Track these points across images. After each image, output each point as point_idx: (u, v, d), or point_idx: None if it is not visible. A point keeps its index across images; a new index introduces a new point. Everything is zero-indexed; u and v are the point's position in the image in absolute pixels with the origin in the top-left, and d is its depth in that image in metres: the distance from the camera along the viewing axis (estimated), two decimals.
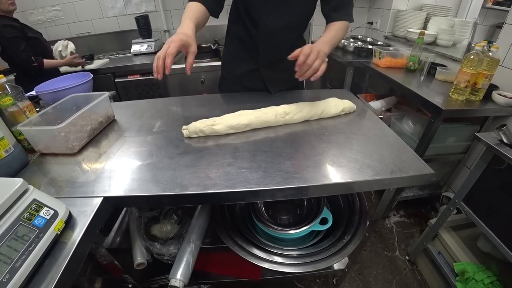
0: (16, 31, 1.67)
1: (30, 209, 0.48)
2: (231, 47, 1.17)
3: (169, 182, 0.63)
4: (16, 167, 0.70)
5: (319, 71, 0.80)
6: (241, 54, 1.13)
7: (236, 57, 1.15)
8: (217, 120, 0.83)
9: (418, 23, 2.05)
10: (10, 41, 1.63)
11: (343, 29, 0.98)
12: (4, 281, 0.39)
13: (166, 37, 2.53)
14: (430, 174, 0.65)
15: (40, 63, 1.71)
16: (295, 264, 0.84)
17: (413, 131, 1.51)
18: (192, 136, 0.82)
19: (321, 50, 0.80)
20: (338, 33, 0.95)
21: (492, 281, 1.03)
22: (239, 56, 1.14)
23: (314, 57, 0.78)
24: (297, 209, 1.03)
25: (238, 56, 1.14)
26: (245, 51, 1.11)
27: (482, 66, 1.16)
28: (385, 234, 1.67)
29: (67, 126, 0.73)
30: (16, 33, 1.66)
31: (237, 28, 1.09)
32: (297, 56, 0.78)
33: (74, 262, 0.49)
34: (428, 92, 1.36)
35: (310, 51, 0.78)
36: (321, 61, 0.80)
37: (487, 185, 1.04)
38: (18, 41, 1.65)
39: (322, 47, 0.82)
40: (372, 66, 1.78)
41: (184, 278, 0.85)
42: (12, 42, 1.63)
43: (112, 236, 1.03)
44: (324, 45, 0.87)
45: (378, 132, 0.83)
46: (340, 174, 0.65)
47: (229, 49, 1.18)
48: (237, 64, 1.15)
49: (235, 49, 1.14)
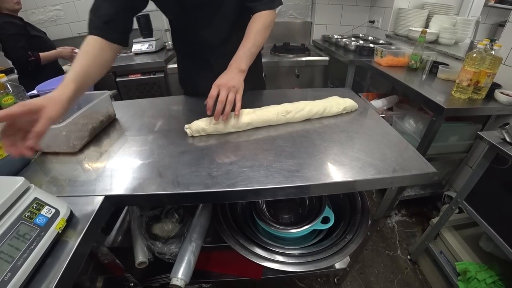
0: (18, 29, 1.68)
1: (31, 207, 0.48)
2: (185, 64, 1.14)
3: (170, 181, 0.63)
4: (17, 166, 0.70)
5: (237, 102, 0.78)
6: (196, 72, 1.10)
7: (193, 75, 1.12)
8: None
9: (420, 21, 2.04)
10: (10, 38, 1.64)
11: (264, 30, 0.89)
12: (6, 280, 0.39)
13: (167, 36, 2.52)
14: (432, 173, 0.65)
15: (37, 57, 1.72)
16: (296, 263, 0.84)
17: (415, 130, 1.51)
18: (195, 135, 0.82)
19: (229, 83, 0.77)
20: (257, 39, 0.87)
21: (494, 280, 1.02)
22: (195, 73, 1.11)
23: (225, 93, 0.76)
24: (299, 208, 1.03)
25: (194, 73, 1.11)
26: (199, 69, 1.08)
27: (485, 64, 1.15)
28: (386, 233, 1.67)
29: (69, 125, 0.73)
30: (17, 31, 1.67)
31: (185, 48, 1.07)
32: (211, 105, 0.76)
33: (76, 261, 0.49)
34: (430, 91, 1.35)
35: (218, 90, 0.76)
36: (234, 93, 0.77)
37: (489, 184, 1.03)
38: (17, 38, 1.66)
39: (232, 76, 0.80)
40: (373, 64, 1.78)
41: (186, 277, 0.85)
42: (11, 39, 1.65)
43: (114, 235, 1.03)
44: (240, 63, 0.83)
45: (380, 130, 0.83)
46: (342, 172, 0.65)
47: (184, 65, 1.15)
48: (196, 81, 1.12)
49: (190, 66, 1.12)
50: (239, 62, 0.83)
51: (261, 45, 0.90)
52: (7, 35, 1.64)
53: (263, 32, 0.89)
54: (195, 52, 1.05)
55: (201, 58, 1.05)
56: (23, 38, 1.69)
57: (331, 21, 2.61)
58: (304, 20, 2.63)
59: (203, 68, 1.07)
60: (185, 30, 0.98)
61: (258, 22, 0.89)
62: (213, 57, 1.03)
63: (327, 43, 2.46)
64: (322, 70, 2.20)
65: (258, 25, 0.89)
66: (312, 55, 2.22)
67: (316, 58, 2.16)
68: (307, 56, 2.19)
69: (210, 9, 0.90)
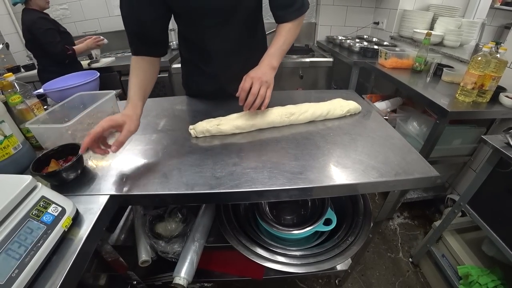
0: (51, 24, 1.79)
1: (38, 205, 0.48)
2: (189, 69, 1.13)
3: (174, 181, 0.64)
4: (24, 164, 0.71)
5: (266, 99, 0.78)
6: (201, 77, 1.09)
7: (197, 80, 1.11)
8: (223, 120, 0.83)
9: (425, 23, 2.03)
10: (47, 33, 1.73)
11: (295, 28, 0.91)
12: (13, 276, 0.40)
13: (172, 36, 2.53)
14: (435, 177, 0.65)
15: (73, 50, 1.86)
16: (298, 264, 0.84)
17: (419, 133, 1.50)
18: (199, 136, 0.82)
19: (263, 77, 0.78)
20: (287, 38, 0.89)
21: (496, 285, 1.02)
22: (200, 79, 1.10)
23: (258, 86, 0.77)
24: (301, 209, 1.03)
25: (199, 79, 1.10)
26: (204, 76, 1.07)
27: (490, 67, 1.15)
28: (388, 235, 1.67)
29: (74, 125, 0.74)
30: (50, 26, 1.77)
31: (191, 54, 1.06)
32: (243, 97, 0.78)
33: (81, 259, 0.49)
34: (434, 93, 1.34)
35: (251, 83, 0.77)
36: (266, 88, 0.78)
37: (493, 188, 1.03)
38: (53, 33, 1.76)
39: (265, 70, 0.80)
40: (377, 66, 1.77)
41: (188, 276, 0.86)
42: (48, 34, 1.73)
43: (117, 233, 1.04)
44: (272, 59, 0.84)
45: (383, 133, 0.83)
46: (345, 175, 0.65)
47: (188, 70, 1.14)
48: (200, 86, 1.12)
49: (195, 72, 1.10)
50: (271, 59, 0.84)
51: (291, 43, 0.92)
52: (44, 30, 1.71)
53: (294, 30, 0.91)
54: (201, 60, 1.03)
55: (207, 66, 1.04)
56: (57, 33, 1.79)
57: (336, 22, 2.60)
58: (309, 21, 2.63)
59: (208, 76, 1.06)
60: (194, 37, 0.97)
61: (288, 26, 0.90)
62: (220, 67, 1.02)
63: (331, 44, 2.46)
64: (326, 71, 2.20)
65: (289, 28, 0.90)
66: (316, 56, 2.22)
67: (320, 59, 2.16)
68: (311, 57, 2.19)
69: (222, 19, 0.89)
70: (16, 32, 2.45)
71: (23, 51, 2.44)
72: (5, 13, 2.36)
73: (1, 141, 0.65)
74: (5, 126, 0.66)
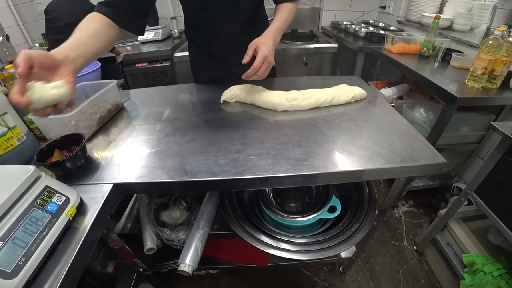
0: None
1: (43, 195, 0.49)
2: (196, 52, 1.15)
3: (178, 169, 0.64)
4: (28, 155, 0.71)
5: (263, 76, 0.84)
6: (209, 60, 1.11)
7: (205, 62, 1.13)
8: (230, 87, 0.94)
9: (434, 6, 1.96)
10: None
11: (293, 10, 0.97)
12: (20, 264, 0.41)
13: (173, 24, 2.50)
14: (442, 164, 0.63)
15: None
16: (302, 251, 0.85)
17: (425, 120, 1.47)
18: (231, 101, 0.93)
19: (270, 57, 0.81)
20: (289, 16, 0.95)
21: (501, 273, 1.01)
22: (208, 61, 1.12)
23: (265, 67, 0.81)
24: (306, 196, 1.03)
25: (207, 61, 1.12)
26: (211, 57, 1.10)
27: (501, 52, 1.11)
28: (393, 223, 1.67)
29: (77, 115, 0.73)
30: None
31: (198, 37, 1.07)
32: (248, 60, 0.80)
33: (86, 247, 0.50)
34: (442, 79, 1.31)
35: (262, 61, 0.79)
36: (266, 66, 0.82)
37: (501, 176, 1.01)
38: None
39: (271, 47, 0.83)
40: (384, 52, 1.73)
41: (193, 263, 0.87)
42: None
43: (123, 222, 1.06)
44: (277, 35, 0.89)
45: (389, 119, 0.82)
46: (350, 162, 0.64)
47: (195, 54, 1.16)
48: (208, 69, 1.14)
49: (202, 55, 1.13)
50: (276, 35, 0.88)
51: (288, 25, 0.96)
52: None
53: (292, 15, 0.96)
54: (209, 42, 1.05)
55: (216, 49, 1.05)
56: None
57: (341, 6, 2.53)
58: (313, 6, 2.56)
59: (216, 58, 1.08)
60: (201, 21, 0.97)
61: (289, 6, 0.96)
62: (228, 48, 1.03)
63: (336, 30, 2.40)
64: (330, 58, 2.16)
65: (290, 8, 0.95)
66: (320, 42, 2.17)
67: (325, 45, 2.11)
68: (316, 43, 2.14)
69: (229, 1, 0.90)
70: (17, 25, 2.42)
71: (24, 43, 2.43)
72: (5, 5, 2.33)
73: (5, 132, 0.65)
74: (8, 118, 0.66)
